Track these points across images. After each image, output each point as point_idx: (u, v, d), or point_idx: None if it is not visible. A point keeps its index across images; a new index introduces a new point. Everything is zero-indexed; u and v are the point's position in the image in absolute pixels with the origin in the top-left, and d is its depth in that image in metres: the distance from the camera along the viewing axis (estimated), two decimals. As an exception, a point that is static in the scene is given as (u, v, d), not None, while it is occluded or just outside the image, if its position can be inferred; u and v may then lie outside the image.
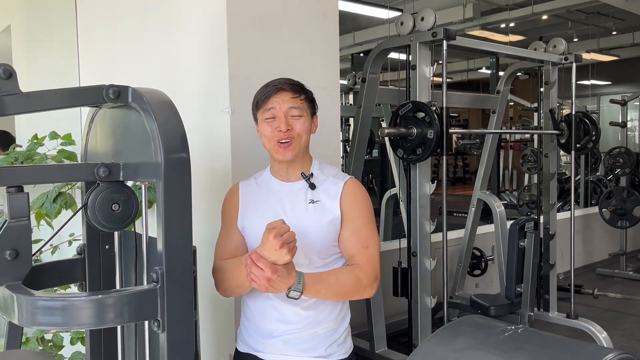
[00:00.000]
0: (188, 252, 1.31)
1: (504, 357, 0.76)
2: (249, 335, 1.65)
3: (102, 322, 1.23)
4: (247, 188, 1.67)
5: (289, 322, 1.56)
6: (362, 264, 1.55)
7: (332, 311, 1.60)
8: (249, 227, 1.63)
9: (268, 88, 1.57)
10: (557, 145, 3.58)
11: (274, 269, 1.37)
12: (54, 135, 2.34)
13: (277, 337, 1.58)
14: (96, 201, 1.39)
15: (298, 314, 1.56)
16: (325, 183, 1.61)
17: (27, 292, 1.25)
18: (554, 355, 0.75)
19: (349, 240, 1.57)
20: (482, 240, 4.18)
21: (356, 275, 1.52)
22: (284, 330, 1.57)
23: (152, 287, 1.26)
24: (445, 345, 0.81)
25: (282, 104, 1.54)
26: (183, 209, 1.30)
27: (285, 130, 1.53)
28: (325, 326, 1.58)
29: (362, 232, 1.56)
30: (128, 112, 1.38)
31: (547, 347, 0.77)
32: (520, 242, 3.03)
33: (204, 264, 1.88)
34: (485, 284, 4.49)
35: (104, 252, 1.60)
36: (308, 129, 1.59)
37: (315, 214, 1.57)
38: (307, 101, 1.59)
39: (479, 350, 0.78)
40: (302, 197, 1.59)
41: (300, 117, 1.56)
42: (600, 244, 5.83)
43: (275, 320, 1.58)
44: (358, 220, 1.57)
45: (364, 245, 1.55)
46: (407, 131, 2.54)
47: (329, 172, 1.64)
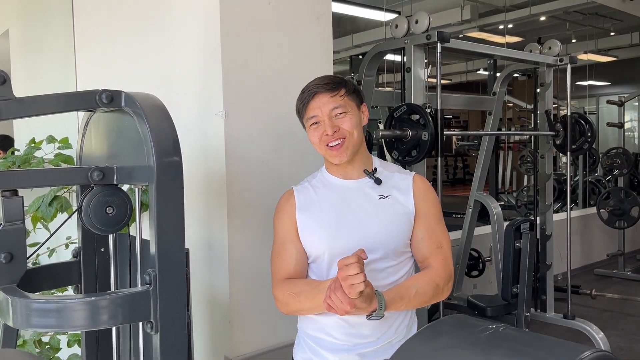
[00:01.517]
0: (181, 255, 1.33)
1: (482, 355, 0.78)
2: (314, 351, 1.50)
3: (96, 323, 1.25)
4: (303, 192, 1.54)
5: (361, 336, 1.46)
6: (436, 266, 1.46)
7: (404, 318, 1.53)
8: (311, 232, 1.49)
9: (304, 94, 1.50)
10: (553, 146, 3.60)
11: (352, 304, 1.23)
12: (51, 139, 2.35)
13: (351, 350, 1.46)
14: (90, 204, 1.41)
15: (372, 327, 1.45)
16: (392, 179, 1.52)
17: (21, 294, 1.26)
18: (532, 353, 0.77)
19: (424, 241, 1.48)
20: (480, 241, 4.19)
21: (433, 280, 1.43)
22: (357, 344, 1.46)
23: (145, 289, 1.28)
24: (427, 344, 0.83)
25: (323, 107, 1.46)
26: (175, 211, 1.31)
27: (332, 133, 1.45)
28: (399, 334, 1.50)
29: (436, 230, 1.49)
30: (121, 117, 1.40)
31: (525, 345, 0.79)
32: (516, 243, 3.04)
33: (197, 266, 1.90)
34: (483, 285, 4.50)
35: (99, 254, 1.62)
36: (358, 122, 1.48)
37: (390, 208, 1.47)
38: (348, 95, 1.48)
39: (459, 348, 0.80)
40: (371, 194, 1.49)
41: (345, 114, 1.46)
42: (599, 244, 5.84)
43: (348, 334, 1.46)
44: (432, 219, 1.50)
45: (438, 245, 1.48)
46: (402, 133, 2.55)
47: (392, 168, 1.57)
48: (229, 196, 1.82)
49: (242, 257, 1.84)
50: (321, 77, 1.51)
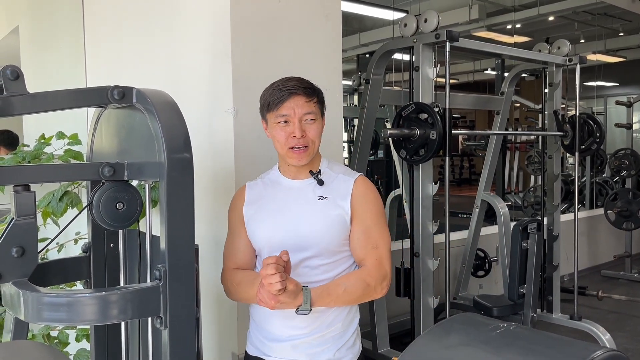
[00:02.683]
0: (190, 250, 1.34)
1: (494, 353, 0.78)
2: (257, 339, 1.62)
3: (106, 318, 1.26)
4: (253, 188, 1.65)
5: (296, 327, 1.54)
6: (370, 266, 1.52)
7: (340, 314, 1.57)
8: (254, 226, 1.60)
9: (282, 92, 1.50)
10: (561, 146, 3.58)
11: (276, 299, 1.37)
12: (61, 135, 2.37)
13: (285, 341, 1.55)
14: (101, 200, 1.42)
15: (305, 319, 1.52)
16: (335, 181, 1.58)
17: (33, 288, 1.27)
18: (543, 351, 0.77)
19: (359, 241, 1.54)
20: (486, 241, 4.18)
21: (364, 279, 1.50)
22: (291, 335, 1.55)
23: (155, 284, 1.29)
24: (438, 342, 0.83)
25: (297, 109, 1.49)
26: (185, 207, 1.32)
27: (300, 136, 1.50)
28: (334, 329, 1.55)
29: (372, 232, 1.54)
30: (132, 113, 1.41)
31: (537, 344, 0.79)
32: (523, 243, 3.04)
33: (207, 263, 1.91)
34: (489, 285, 4.49)
35: (108, 250, 1.63)
36: (320, 132, 1.56)
37: (324, 209, 1.54)
38: (319, 103, 1.55)
39: (470, 346, 0.80)
40: (311, 194, 1.56)
41: (314, 121, 1.52)
42: (606, 245, 5.81)
43: (283, 325, 1.55)
44: (368, 220, 1.55)
45: (374, 246, 1.53)
46: (409, 132, 2.55)
47: (338, 170, 1.61)
48: (238, 193, 1.82)
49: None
50: (297, 78, 1.53)
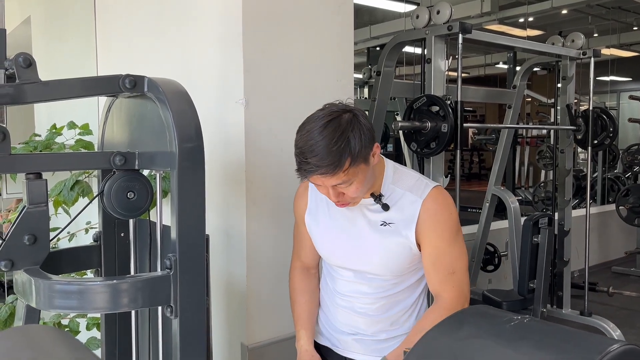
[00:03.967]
0: (201, 240, 1.34)
1: (507, 346, 0.77)
2: (326, 330, 1.57)
3: (117, 306, 1.26)
4: (314, 191, 1.50)
5: (358, 327, 1.49)
6: (448, 300, 1.38)
7: (406, 321, 1.48)
8: (315, 237, 1.51)
9: (301, 171, 1.30)
10: (574, 141, 3.55)
11: None
12: (72, 125, 2.38)
13: (350, 335, 1.51)
14: (112, 189, 1.42)
15: (366, 321, 1.47)
16: (400, 201, 1.38)
17: (45, 276, 1.28)
18: (558, 345, 0.76)
19: (433, 271, 1.40)
20: (496, 236, 4.16)
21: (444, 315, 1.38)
22: (356, 332, 1.50)
23: (165, 273, 1.29)
24: (450, 334, 0.82)
25: (323, 181, 1.30)
26: (197, 197, 1.32)
27: (336, 200, 1.34)
28: (398, 327, 1.48)
29: (447, 257, 1.38)
30: (144, 102, 1.41)
31: (551, 337, 0.78)
32: (533, 238, 3.01)
33: (217, 253, 1.91)
34: (498, 279, 4.47)
35: (119, 239, 1.64)
36: (366, 181, 1.32)
37: (386, 238, 1.39)
38: (354, 164, 1.26)
39: (483, 339, 0.79)
40: (374, 218, 1.40)
41: (350, 184, 1.29)
42: (617, 241, 5.77)
43: (346, 323, 1.51)
44: (441, 245, 1.37)
45: (450, 272, 1.38)
46: (421, 125, 2.54)
47: (405, 184, 1.40)
48: (248, 184, 1.82)
49: (259, 246, 1.85)
50: (318, 152, 1.24)
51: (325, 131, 1.26)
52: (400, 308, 1.47)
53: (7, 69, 1.25)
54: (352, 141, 1.25)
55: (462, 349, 0.77)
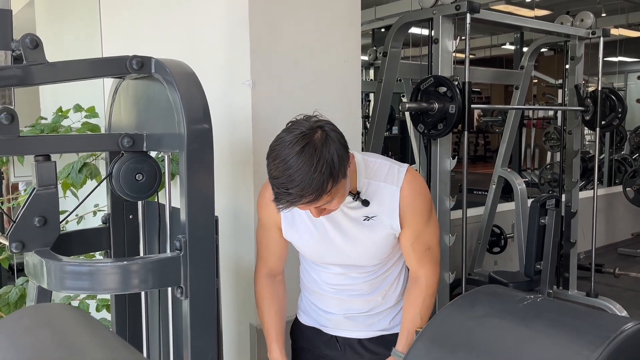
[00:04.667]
0: (210, 221, 1.34)
1: (521, 324, 0.77)
2: (312, 309, 1.57)
3: (128, 287, 1.27)
4: None
5: (351, 309, 1.51)
6: (425, 277, 1.45)
7: (394, 291, 1.52)
8: (293, 237, 1.48)
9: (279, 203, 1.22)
10: (582, 122, 3.52)
11: None
12: (78, 108, 2.37)
13: (339, 314, 1.52)
14: (120, 171, 1.42)
15: (360, 302, 1.50)
16: (378, 192, 1.38)
17: (55, 257, 1.29)
18: (572, 323, 0.76)
19: (411, 251, 1.44)
20: (502, 218, 4.16)
21: (428, 294, 1.46)
22: (346, 310, 1.52)
23: (175, 254, 1.29)
24: (463, 313, 0.82)
25: (307, 207, 1.27)
26: (205, 179, 1.32)
27: (318, 215, 1.32)
28: (388, 301, 1.52)
29: (423, 236, 1.43)
30: (151, 84, 1.40)
31: (565, 316, 0.78)
32: (540, 220, 3.01)
33: (226, 235, 1.91)
34: (504, 261, 4.48)
35: (128, 221, 1.64)
36: (345, 192, 1.30)
37: (372, 231, 1.41)
38: (335, 186, 1.22)
39: (497, 318, 0.79)
40: (355, 215, 1.40)
41: (332, 201, 1.26)
42: (623, 223, 5.76)
43: (338, 306, 1.52)
44: (419, 227, 1.41)
45: (427, 248, 1.44)
46: (428, 106, 2.52)
47: (379, 175, 1.39)
48: (256, 166, 1.81)
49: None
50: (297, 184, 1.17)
51: (302, 157, 1.17)
52: (389, 281, 1.52)
53: (14, 51, 1.24)
54: (331, 162, 1.19)
55: (476, 328, 0.77)
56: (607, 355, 0.66)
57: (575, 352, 0.69)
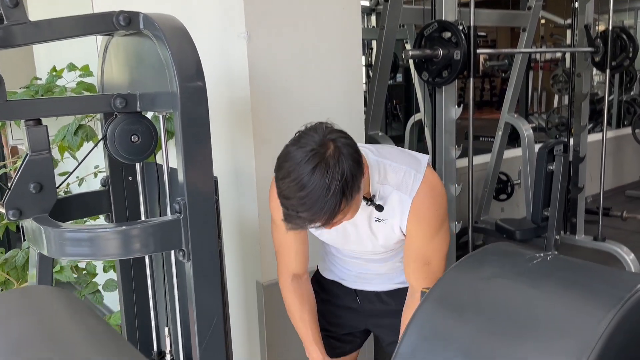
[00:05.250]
0: (209, 183, 1.31)
1: (531, 285, 0.74)
2: (332, 265, 1.58)
3: (129, 252, 1.25)
4: None
5: (368, 269, 1.53)
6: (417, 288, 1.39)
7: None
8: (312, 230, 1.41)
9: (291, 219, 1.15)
10: (591, 63, 3.41)
11: None
12: (72, 67, 2.30)
13: (358, 272, 1.54)
14: (115, 133, 1.37)
15: (378, 267, 1.51)
16: (390, 198, 1.31)
17: (54, 224, 1.26)
18: (584, 282, 0.73)
19: (409, 259, 1.40)
20: (509, 164, 4.11)
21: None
22: (365, 270, 1.53)
23: (175, 217, 1.27)
24: (471, 273, 0.79)
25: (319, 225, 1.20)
26: (202, 138, 1.28)
27: (331, 227, 1.22)
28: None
29: (424, 249, 1.36)
30: (141, 40, 1.34)
31: (577, 275, 0.75)
32: (548, 166, 2.96)
33: (227, 193, 1.89)
34: (510, 208, 4.46)
35: (127, 183, 1.61)
36: (359, 204, 1.23)
37: (381, 230, 1.38)
38: (349, 205, 1.16)
39: (506, 278, 0.76)
40: (368, 213, 1.35)
41: (345, 215, 1.20)
42: (631, 165, 5.69)
43: (355, 265, 1.53)
44: (421, 239, 1.35)
45: (425, 263, 1.37)
46: (432, 52, 2.43)
47: (392, 181, 1.31)
48: (255, 122, 1.76)
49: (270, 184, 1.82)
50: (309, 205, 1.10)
51: (315, 177, 1.09)
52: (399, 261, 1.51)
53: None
54: (344, 182, 1.11)
55: (484, 289, 0.74)
56: (622, 316, 0.63)
57: (588, 314, 0.66)
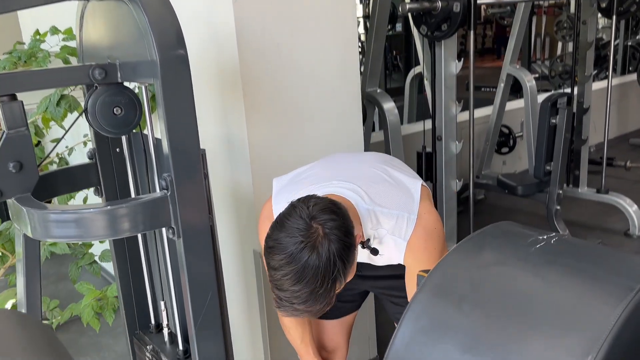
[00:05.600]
0: (196, 156, 1.25)
1: (534, 273, 0.69)
2: None
3: (116, 232, 1.21)
4: None
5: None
6: None
7: None
8: None
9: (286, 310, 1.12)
10: (597, 9, 3.27)
11: None
12: (55, 30, 2.20)
13: None
14: (96, 105, 1.31)
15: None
16: (384, 240, 1.28)
17: (37, 205, 1.22)
18: (591, 270, 0.68)
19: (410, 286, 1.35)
20: (511, 117, 4.02)
21: None
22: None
23: (162, 194, 1.21)
24: (469, 260, 0.74)
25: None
26: (185, 110, 1.21)
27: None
28: None
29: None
30: (117, 5, 1.25)
31: (584, 261, 0.70)
32: (551, 120, 2.88)
33: (218, 164, 1.83)
34: (512, 161, 4.40)
35: (115, 155, 1.55)
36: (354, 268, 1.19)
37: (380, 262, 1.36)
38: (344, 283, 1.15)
39: (506, 266, 0.72)
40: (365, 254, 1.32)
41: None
42: (636, 113, 5.59)
43: None
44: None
45: None
46: (430, 5, 2.32)
47: (385, 225, 1.27)
48: (245, 87, 1.69)
49: (263, 152, 1.76)
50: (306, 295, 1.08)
51: (305, 274, 1.07)
52: None
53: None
54: (336, 272, 1.09)
55: (483, 279, 0.70)
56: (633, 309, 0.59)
57: (595, 309, 0.61)
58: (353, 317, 1.66)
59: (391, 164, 1.41)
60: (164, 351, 1.53)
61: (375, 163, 1.40)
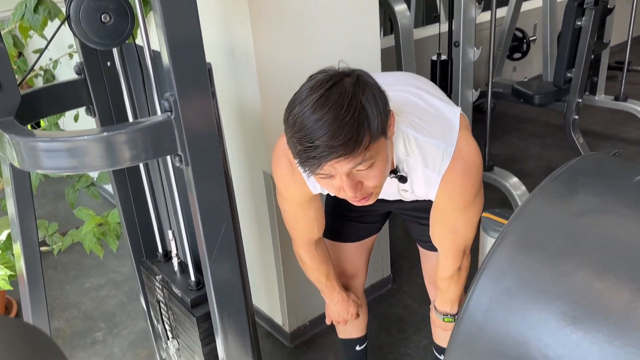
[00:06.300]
0: (202, 71, 1.08)
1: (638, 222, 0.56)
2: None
3: (116, 162, 1.06)
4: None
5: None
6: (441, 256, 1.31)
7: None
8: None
9: (308, 160, 0.93)
10: None
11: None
12: None
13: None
14: (80, 12, 1.11)
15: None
16: (416, 171, 1.15)
17: (22, 131, 1.06)
18: None
19: (436, 224, 1.25)
20: (525, 19, 3.75)
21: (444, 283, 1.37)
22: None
23: (166, 117, 1.06)
24: (560, 206, 0.61)
25: (338, 168, 0.96)
26: (187, 14, 1.02)
27: (354, 193, 1.02)
28: None
29: (452, 221, 1.21)
30: None
31: None
32: (576, 22, 2.65)
33: (225, 77, 1.65)
34: (523, 67, 4.18)
35: (106, 69, 1.37)
36: (387, 158, 1.02)
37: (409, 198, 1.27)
38: (374, 141, 0.95)
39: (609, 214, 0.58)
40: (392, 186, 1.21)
41: (370, 167, 0.99)
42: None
43: None
44: (451, 213, 1.20)
45: (453, 231, 1.23)
46: None
47: (419, 155, 1.12)
48: (249, -13, 1.47)
49: (271, 63, 1.57)
50: (326, 129, 0.90)
51: (329, 100, 0.90)
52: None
53: None
54: (367, 106, 0.92)
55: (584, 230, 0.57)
56: None
57: None
58: (373, 241, 1.57)
59: (424, 88, 1.24)
60: (174, 281, 1.44)
61: (408, 87, 1.23)
